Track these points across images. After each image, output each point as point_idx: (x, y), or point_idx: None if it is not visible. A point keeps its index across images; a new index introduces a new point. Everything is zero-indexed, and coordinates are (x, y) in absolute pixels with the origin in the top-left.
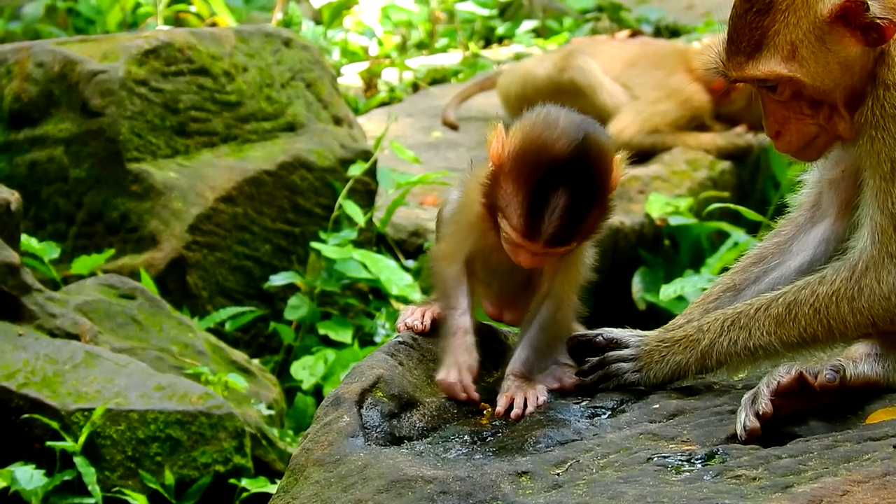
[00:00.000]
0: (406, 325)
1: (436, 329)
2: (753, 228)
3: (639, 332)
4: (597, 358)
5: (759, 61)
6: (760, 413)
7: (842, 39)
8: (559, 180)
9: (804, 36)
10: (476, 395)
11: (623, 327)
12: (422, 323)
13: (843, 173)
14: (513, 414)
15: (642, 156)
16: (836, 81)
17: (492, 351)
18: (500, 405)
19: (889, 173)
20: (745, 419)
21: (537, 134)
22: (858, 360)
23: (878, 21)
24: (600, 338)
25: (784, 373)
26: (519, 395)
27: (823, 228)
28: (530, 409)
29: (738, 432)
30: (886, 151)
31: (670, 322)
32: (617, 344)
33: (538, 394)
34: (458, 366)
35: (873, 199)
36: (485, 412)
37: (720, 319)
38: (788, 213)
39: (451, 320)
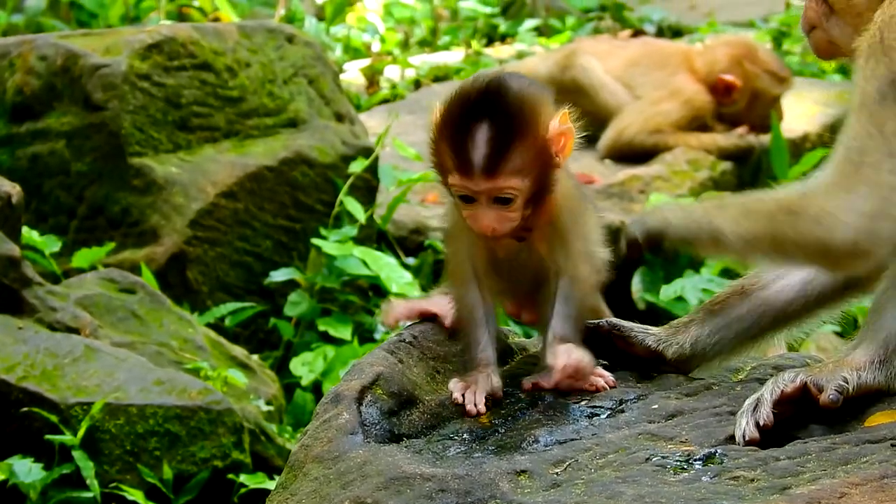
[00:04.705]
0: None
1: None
2: None
3: (646, 326)
4: None
5: None
6: (761, 424)
7: None
8: (477, 113)
9: None
10: (484, 410)
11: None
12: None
13: None
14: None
15: (644, 155)
16: None
17: None
18: (557, 372)
19: (859, 104)
20: (745, 427)
21: (458, 89)
22: (861, 368)
23: None
24: (604, 322)
25: (789, 380)
26: (574, 353)
27: None
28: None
29: (738, 438)
30: (861, 81)
31: (675, 321)
32: (620, 330)
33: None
34: (475, 391)
35: (842, 131)
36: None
37: (712, 201)
38: None
39: (473, 353)
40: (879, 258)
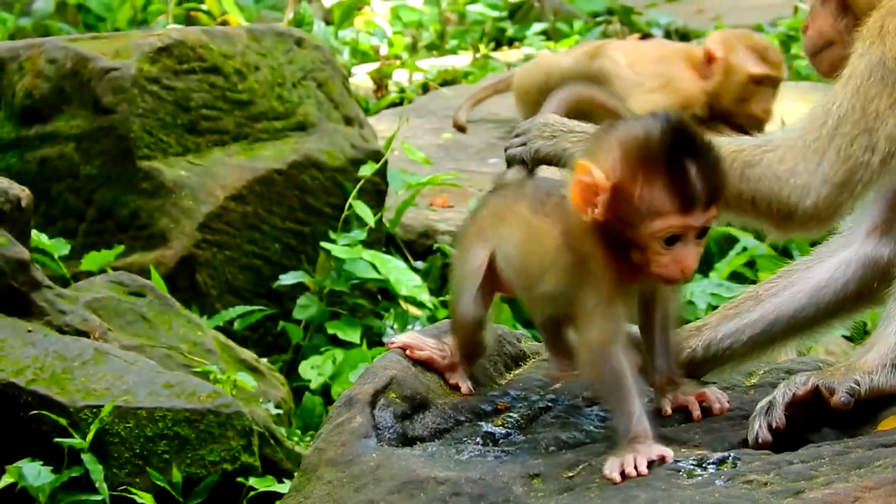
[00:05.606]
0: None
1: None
2: (762, 234)
3: None
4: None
5: None
6: (773, 426)
7: None
8: (680, 145)
9: None
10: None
11: None
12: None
13: (877, 194)
14: (720, 408)
15: None
16: None
17: (503, 353)
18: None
19: (847, 77)
20: (758, 429)
21: (632, 133)
22: (874, 371)
23: None
24: None
25: (801, 383)
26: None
27: (849, 251)
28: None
29: (750, 440)
30: (854, 58)
31: (688, 325)
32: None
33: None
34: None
35: (825, 94)
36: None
37: None
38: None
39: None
40: (829, 227)
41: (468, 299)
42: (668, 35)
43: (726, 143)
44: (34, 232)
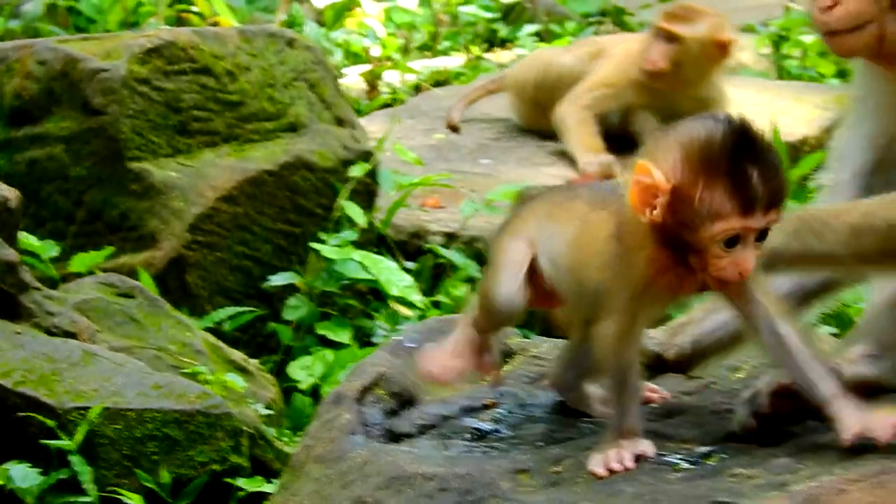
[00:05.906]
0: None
1: None
2: None
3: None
4: None
5: None
6: (758, 412)
7: None
8: (741, 147)
9: None
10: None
11: None
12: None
13: (851, 174)
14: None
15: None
16: None
17: None
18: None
19: None
20: (742, 416)
21: (693, 134)
22: (855, 361)
23: None
24: None
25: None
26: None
27: None
28: None
29: (736, 428)
30: None
31: (673, 322)
32: None
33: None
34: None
35: None
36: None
37: (793, 221)
38: None
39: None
40: None
41: (512, 288)
42: None
43: (866, 205)
44: (23, 233)
